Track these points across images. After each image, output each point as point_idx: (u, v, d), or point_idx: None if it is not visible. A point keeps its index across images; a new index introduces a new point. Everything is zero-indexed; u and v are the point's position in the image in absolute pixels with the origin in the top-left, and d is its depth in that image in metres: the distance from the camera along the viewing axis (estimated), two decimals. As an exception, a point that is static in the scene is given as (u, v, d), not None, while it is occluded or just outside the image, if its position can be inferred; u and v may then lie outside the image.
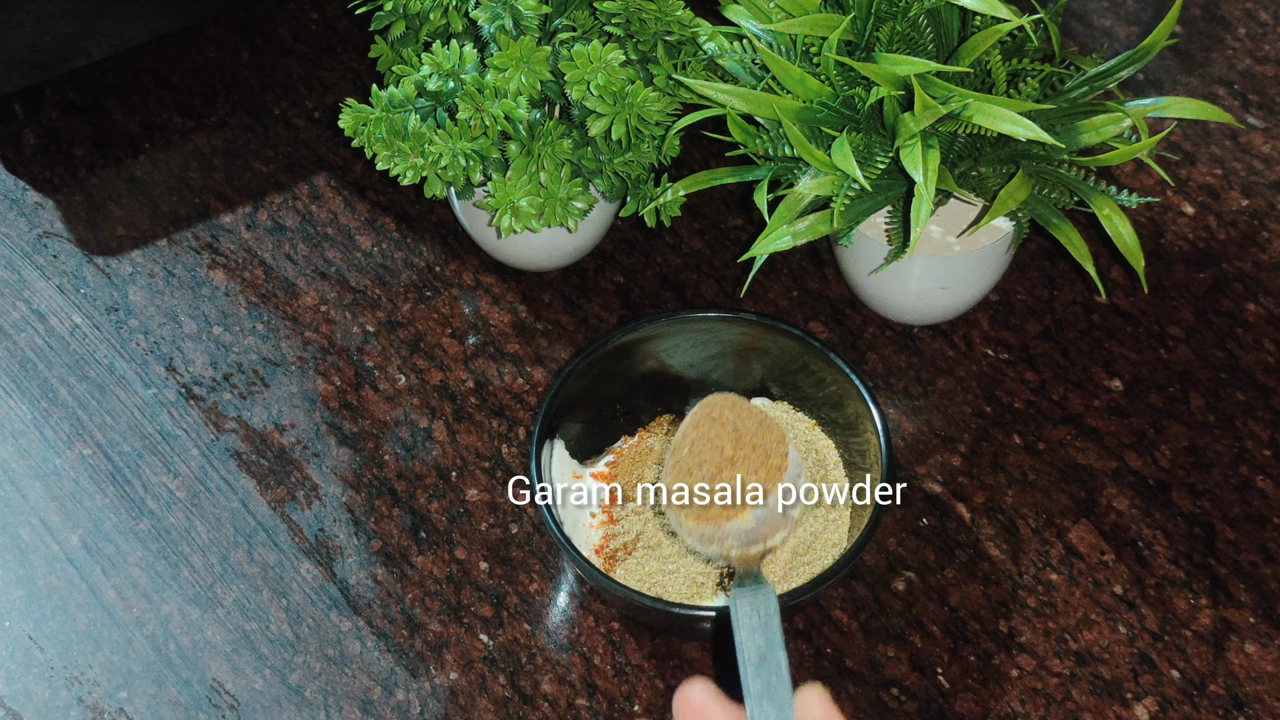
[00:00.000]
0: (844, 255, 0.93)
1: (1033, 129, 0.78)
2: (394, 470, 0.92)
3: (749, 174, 0.87)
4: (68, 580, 0.89)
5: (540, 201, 0.86)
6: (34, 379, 0.96)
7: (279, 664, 0.86)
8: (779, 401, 0.90)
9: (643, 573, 0.83)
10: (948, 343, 0.95)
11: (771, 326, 0.87)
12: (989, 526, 0.88)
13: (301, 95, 1.08)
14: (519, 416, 0.94)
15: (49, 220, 1.03)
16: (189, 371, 0.96)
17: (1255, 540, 0.88)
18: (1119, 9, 1.09)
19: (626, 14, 0.87)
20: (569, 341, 0.96)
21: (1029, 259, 0.98)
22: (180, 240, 1.02)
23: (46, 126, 1.07)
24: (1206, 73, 1.06)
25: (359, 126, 0.86)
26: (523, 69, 0.84)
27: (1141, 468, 0.90)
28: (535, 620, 0.86)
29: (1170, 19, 0.84)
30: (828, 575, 0.79)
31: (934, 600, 0.86)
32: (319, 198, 1.03)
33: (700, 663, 0.84)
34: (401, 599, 0.87)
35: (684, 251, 1.00)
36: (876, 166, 0.82)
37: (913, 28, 0.84)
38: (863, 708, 0.83)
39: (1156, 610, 0.86)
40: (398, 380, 0.95)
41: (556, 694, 0.84)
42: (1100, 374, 0.94)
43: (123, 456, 0.93)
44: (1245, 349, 0.94)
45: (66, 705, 0.85)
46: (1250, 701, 0.83)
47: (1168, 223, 1.00)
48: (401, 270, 1.00)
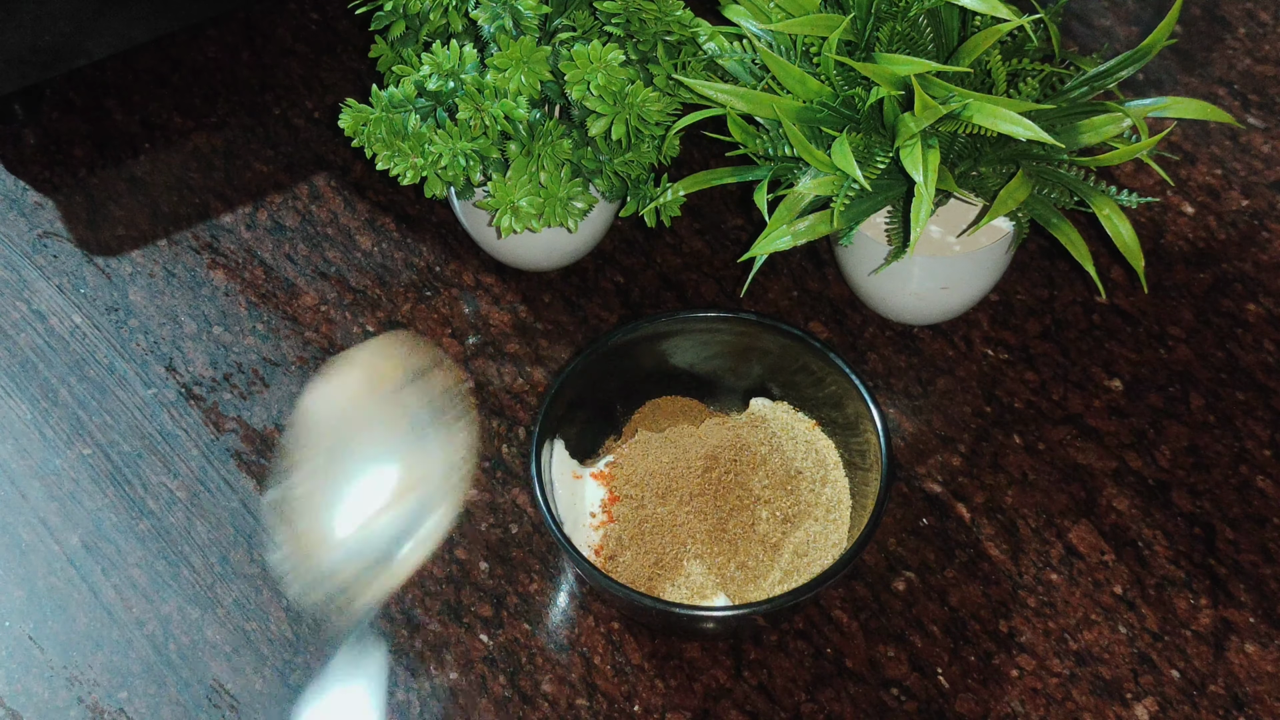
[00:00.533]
0: (844, 255, 0.93)
1: (1033, 129, 0.78)
2: (394, 470, 0.92)
3: (749, 174, 0.87)
4: (68, 580, 0.89)
5: (540, 201, 0.86)
6: (34, 379, 0.96)
7: (279, 664, 0.86)
8: (779, 401, 0.90)
9: (643, 573, 0.83)
10: (948, 343, 0.95)
11: (771, 326, 0.87)
12: (989, 526, 0.88)
13: (301, 95, 1.08)
14: (519, 416, 0.94)
15: (49, 220, 1.03)
16: (189, 371, 0.96)
17: (1255, 540, 0.88)
18: (1119, 9, 1.09)
19: (626, 14, 0.87)
20: (569, 341, 0.97)
21: (1029, 259, 0.98)
22: (180, 240, 1.02)
23: (46, 126, 1.07)
24: (1206, 73, 1.06)
25: (359, 126, 0.86)
26: (523, 69, 0.84)
27: (1141, 468, 0.90)
28: (535, 620, 0.86)
29: (1170, 19, 0.84)
30: (828, 575, 0.79)
31: (934, 600, 0.86)
32: (319, 198, 1.03)
33: (700, 663, 0.84)
34: (401, 599, 0.87)
35: (684, 251, 1.00)
36: (876, 166, 0.82)
37: (913, 28, 0.84)
38: (863, 708, 0.83)
39: (1156, 610, 0.86)
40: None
41: (556, 694, 0.84)
42: (1100, 374, 0.94)
43: (123, 456, 0.93)
44: (1245, 349, 0.94)
45: (66, 705, 0.85)
46: (1250, 701, 0.83)
47: (1168, 223, 1.00)
48: (401, 270, 1.00)
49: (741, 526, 0.84)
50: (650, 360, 0.89)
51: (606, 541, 0.85)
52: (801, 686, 0.84)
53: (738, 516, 0.84)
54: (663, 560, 0.83)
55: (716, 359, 0.90)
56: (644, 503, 0.85)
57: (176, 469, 0.92)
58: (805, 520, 0.85)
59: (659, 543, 0.84)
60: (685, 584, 0.83)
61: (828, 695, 0.83)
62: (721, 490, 0.84)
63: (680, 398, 0.91)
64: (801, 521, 0.84)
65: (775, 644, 0.85)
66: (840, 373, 0.85)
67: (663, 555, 0.83)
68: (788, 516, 0.84)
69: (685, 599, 0.83)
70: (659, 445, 0.87)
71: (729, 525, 0.84)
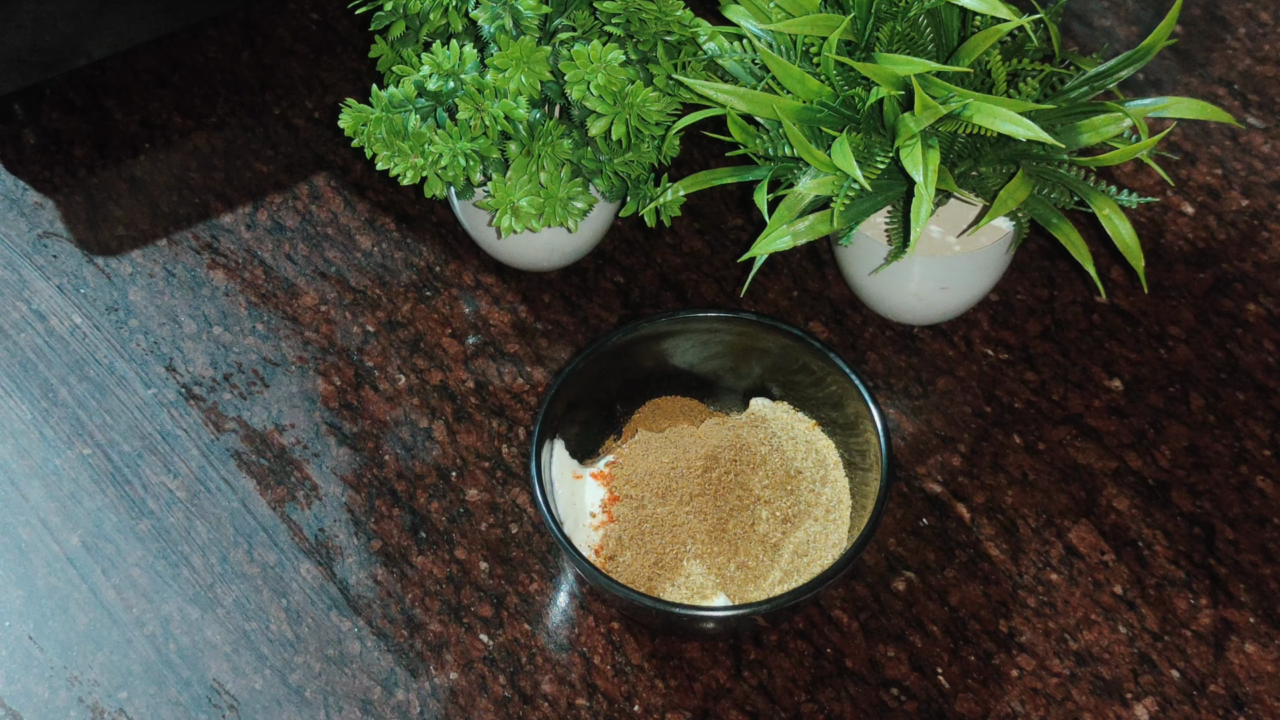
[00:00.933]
0: (844, 255, 0.93)
1: (1033, 129, 0.78)
2: (394, 470, 0.92)
3: (749, 174, 0.87)
4: (68, 580, 0.89)
5: (540, 201, 0.86)
6: (34, 379, 0.96)
7: (279, 664, 0.86)
8: (779, 401, 0.90)
9: (643, 573, 0.83)
10: (948, 343, 0.95)
11: (771, 326, 0.87)
12: (989, 526, 0.88)
13: (301, 95, 1.08)
14: (519, 416, 0.94)
15: (49, 220, 1.03)
16: (189, 371, 0.96)
17: (1255, 540, 0.88)
18: (1119, 9, 1.09)
19: (626, 14, 0.87)
20: (569, 341, 0.97)
21: (1029, 259, 0.98)
22: (180, 240, 1.02)
23: (46, 126, 1.07)
24: (1206, 73, 1.06)
25: (359, 126, 0.86)
26: (523, 69, 0.84)
27: (1141, 468, 0.90)
28: (535, 620, 0.86)
29: (1170, 19, 0.84)
30: (828, 575, 0.79)
31: (934, 600, 0.86)
32: (319, 198, 1.03)
33: (700, 663, 0.84)
34: (401, 599, 0.87)
35: (684, 251, 1.00)
36: (876, 166, 0.82)
37: (913, 28, 0.84)
38: (863, 708, 0.83)
39: (1156, 610, 0.86)
40: (398, 380, 0.95)
41: (556, 694, 0.84)
42: (1100, 374, 0.94)
43: (123, 456, 0.93)
44: (1245, 349, 0.94)
45: (66, 705, 0.85)
46: (1250, 701, 0.83)
47: (1168, 223, 1.00)
48: (401, 270, 1.00)
49: (741, 526, 0.84)
50: (650, 360, 0.89)
51: (606, 541, 0.85)
52: (801, 686, 0.84)
53: (738, 516, 0.84)
54: (663, 560, 0.83)
55: (716, 359, 0.90)
56: (644, 503, 0.85)
57: (176, 469, 0.92)
58: (805, 520, 0.85)
59: (659, 543, 0.84)
60: (685, 584, 0.83)
61: (828, 695, 0.83)
62: (721, 490, 0.84)
63: (680, 398, 0.91)
64: (801, 521, 0.84)
65: (775, 644, 0.85)
66: (840, 373, 0.85)
67: (663, 555, 0.83)
68: (788, 516, 0.84)
69: (685, 599, 0.83)
70: (659, 445, 0.87)
71: (729, 525, 0.84)
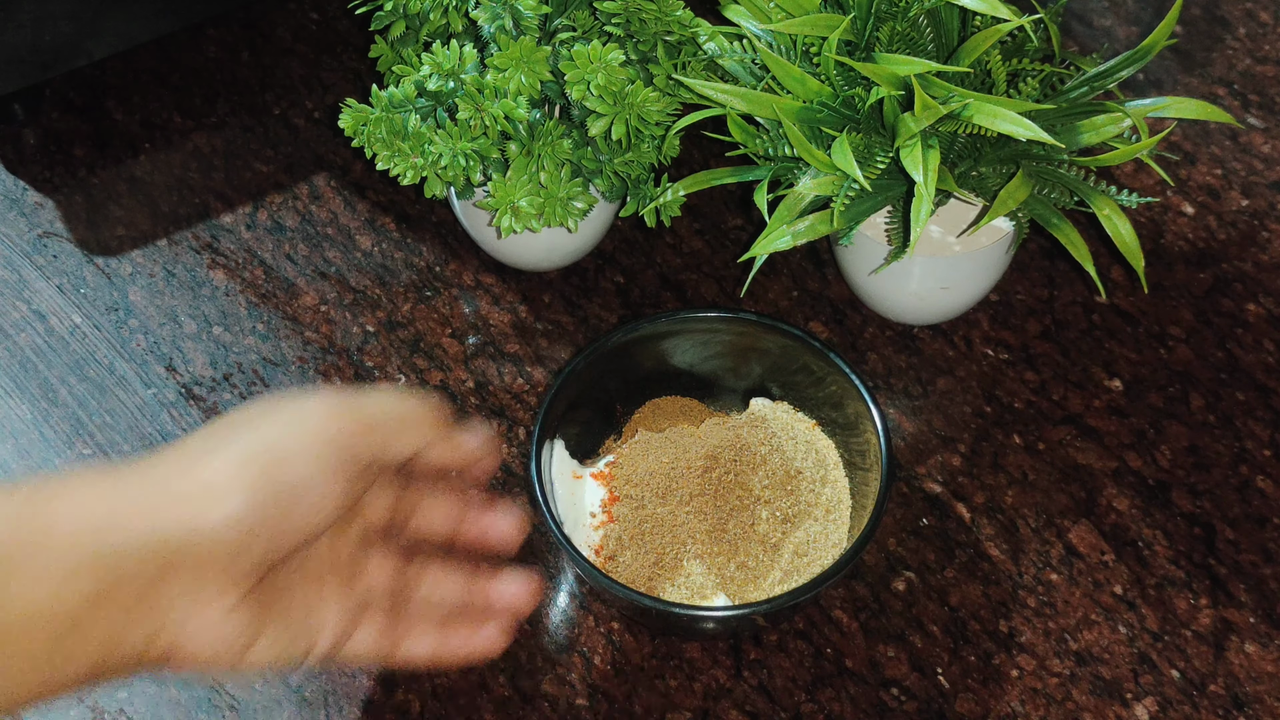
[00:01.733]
0: (844, 255, 0.93)
1: (1033, 129, 0.78)
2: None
3: (749, 174, 0.87)
4: (68, 580, 0.89)
5: (540, 201, 0.86)
6: (34, 379, 0.96)
7: (279, 664, 0.86)
8: (779, 401, 0.90)
9: (643, 573, 0.83)
10: (948, 343, 0.95)
11: (771, 326, 0.87)
12: (989, 526, 0.88)
13: (301, 95, 1.08)
14: (519, 416, 0.94)
15: (49, 220, 1.03)
16: (189, 371, 0.96)
17: (1255, 540, 0.88)
18: (1119, 9, 1.09)
19: (626, 14, 0.87)
20: (569, 341, 0.97)
21: (1029, 259, 0.98)
22: (180, 240, 1.02)
23: (46, 126, 1.07)
24: (1206, 73, 1.06)
25: (359, 126, 0.86)
26: (523, 69, 0.84)
27: (1141, 468, 0.90)
28: (535, 620, 0.86)
29: (1170, 19, 0.84)
30: (828, 575, 0.79)
31: (934, 600, 0.86)
32: (319, 198, 1.03)
33: (700, 663, 0.84)
34: (401, 599, 0.87)
35: (684, 251, 1.00)
36: (876, 166, 0.82)
37: (913, 28, 0.84)
38: (863, 708, 0.83)
39: (1156, 610, 0.86)
40: (398, 380, 0.95)
41: (556, 694, 0.84)
42: (1100, 374, 0.94)
43: (123, 456, 0.93)
44: (1245, 349, 0.94)
45: (66, 705, 0.85)
46: (1250, 701, 0.83)
47: (1168, 223, 1.00)
48: (401, 270, 1.00)
49: (741, 526, 0.84)
50: (650, 360, 0.89)
51: (606, 541, 0.85)
52: (801, 686, 0.84)
53: (738, 516, 0.84)
54: (663, 560, 0.83)
55: (716, 359, 0.90)
56: (644, 503, 0.85)
57: (176, 469, 0.92)
58: (805, 520, 0.85)
59: (659, 543, 0.84)
60: (685, 584, 0.83)
61: (828, 695, 0.83)
62: (721, 490, 0.84)
63: (680, 398, 0.91)
64: (801, 521, 0.84)
65: (775, 644, 0.85)
66: (840, 373, 0.85)
67: (663, 555, 0.83)
68: (788, 516, 0.84)
69: (685, 599, 0.83)
70: (659, 445, 0.87)
71: (729, 525, 0.84)
